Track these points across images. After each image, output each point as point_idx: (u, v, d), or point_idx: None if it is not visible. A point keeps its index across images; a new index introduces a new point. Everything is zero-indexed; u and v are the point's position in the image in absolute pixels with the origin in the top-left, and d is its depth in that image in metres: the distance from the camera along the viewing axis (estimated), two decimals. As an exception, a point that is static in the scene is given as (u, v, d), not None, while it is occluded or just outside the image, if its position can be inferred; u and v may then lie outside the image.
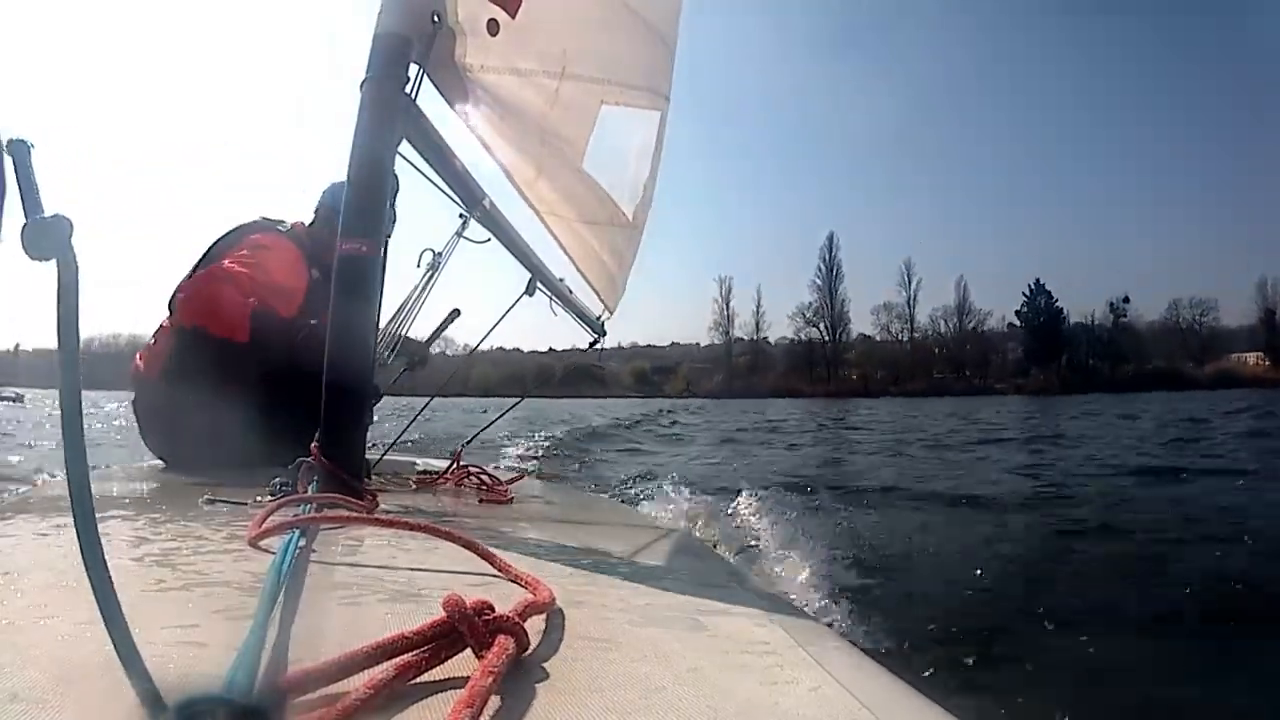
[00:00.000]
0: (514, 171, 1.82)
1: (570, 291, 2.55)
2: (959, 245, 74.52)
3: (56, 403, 0.36)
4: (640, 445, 10.84)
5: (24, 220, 0.37)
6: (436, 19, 1.53)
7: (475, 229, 2.00)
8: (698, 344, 54.08)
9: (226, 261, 1.97)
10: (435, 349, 2.58)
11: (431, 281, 2.11)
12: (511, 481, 1.89)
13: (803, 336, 52.32)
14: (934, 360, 50.60)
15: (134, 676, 0.34)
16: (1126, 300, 48.39)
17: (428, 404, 2.62)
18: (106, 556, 0.37)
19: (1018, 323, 49.29)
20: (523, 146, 1.80)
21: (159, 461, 2.02)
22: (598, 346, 2.92)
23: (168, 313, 2.00)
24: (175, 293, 1.97)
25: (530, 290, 2.38)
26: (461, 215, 1.97)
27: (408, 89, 1.48)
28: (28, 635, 0.51)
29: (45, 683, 0.42)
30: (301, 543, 0.76)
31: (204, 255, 2.06)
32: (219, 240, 2.09)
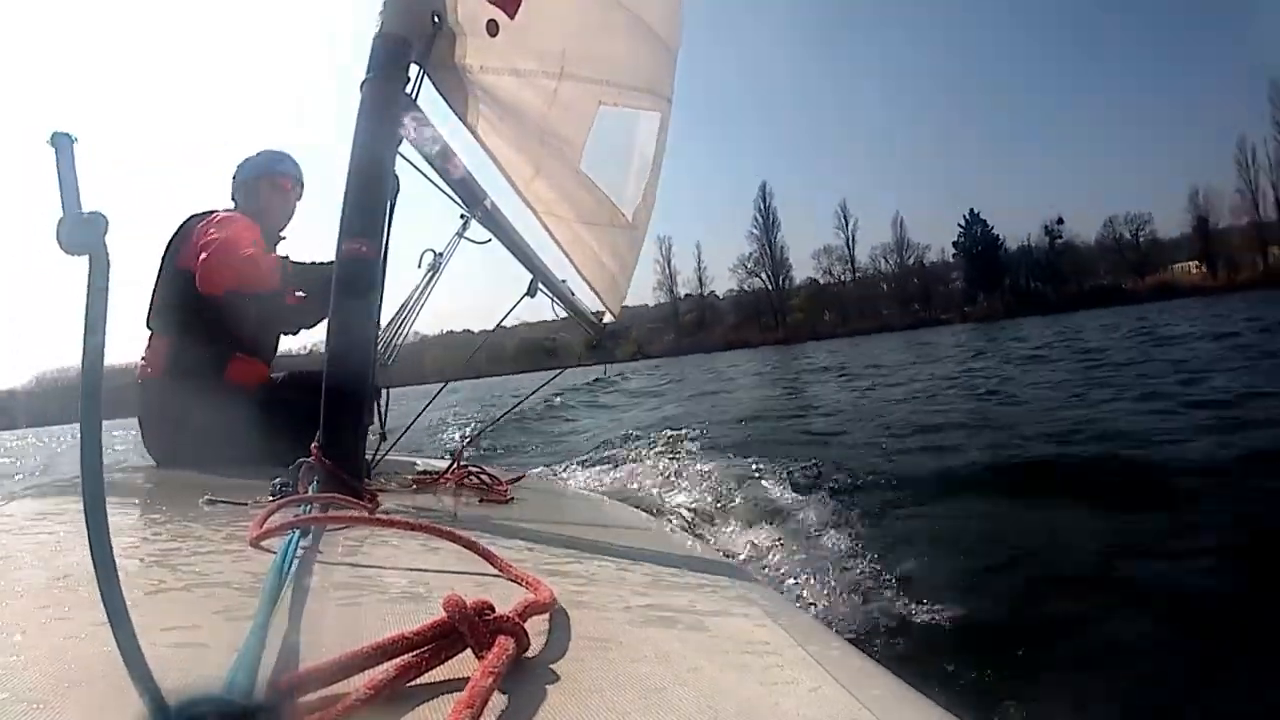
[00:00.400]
0: (511, 171, 1.82)
1: (573, 293, 2.55)
2: (893, 183, 74.52)
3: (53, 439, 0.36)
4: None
5: (61, 215, 0.37)
6: (436, 20, 1.53)
7: (476, 229, 2.00)
8: (647, 305, 53.55)
9: (204, 239, 2.00)
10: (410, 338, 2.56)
11: (432, 282, 2.10)
12: (512, 482, 1.90)
13: (746, 288, 52.71)
14: (880, 298, 51.17)
15: (136, 677, 0.34)
16: (1060, 222, 48.86)
17: (430, 403, 2.63)
18: (114, 559, 0.37)
19: (957, 254, 50.11)
20: (521, 147, 1.80)
21: (151, 462, 2.03)
22: (604, 348, 2.92)
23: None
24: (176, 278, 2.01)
25: (532, 291, 2.37)
26: (462, 216, 1.97)
27: (408, 89, 1.48)
28: (30, 636, 0.51)
29: (48, 684, 0.42)
30: (302, 543, 0.76)
31: (167, 250, 2.09)
32: (177, 232, 2.11)
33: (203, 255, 1.96)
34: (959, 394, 8.20)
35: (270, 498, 1.15)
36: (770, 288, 51.89)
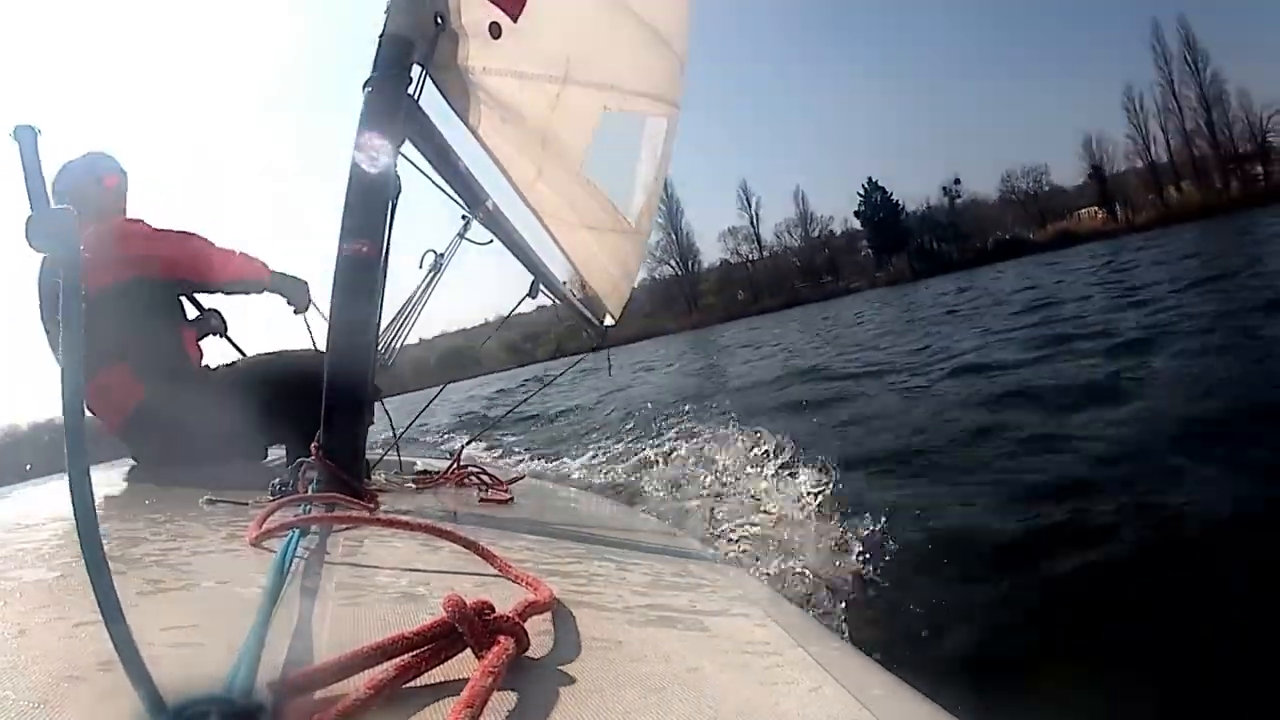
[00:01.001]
0: (514, 174, 1.82)
1: (573, 294, 2.55)
2: (790, 158, 73.02)
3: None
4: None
5: (30, 212, 0.37)
6: (439, 21, 1.54)
7: (478, 230, 2.01)
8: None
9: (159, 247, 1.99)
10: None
11: (433, 283, 2.11)
12: (511, 482, 1.90)
13: (656, 276, 52.69)
14: (790, 273, 51.58)
15: (135, 677, 0.34)
16: (958, 182, 49.53)
17: (431, 401, 2.65)
18: (106, 557, 0.37)
19: (859, 224, 50.75)
20: (523, 149, 1.80)
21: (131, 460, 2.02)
22: (603, 349, 2.92)
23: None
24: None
25: (533, 293, 2.38)
26: (464, 216, 1.97)
27: (410, 90, 1.49)
28: (29, 636, 0.51)
29: (46, 683, 0.42)
30: (302, 543, 0.76)
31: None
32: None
33: (195, 259, 1.98)
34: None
35: (270, 497, 1.15)
36: (680, 273, 52.42)
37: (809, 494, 2.88)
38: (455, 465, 1.84)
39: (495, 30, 1.61)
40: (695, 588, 0.86)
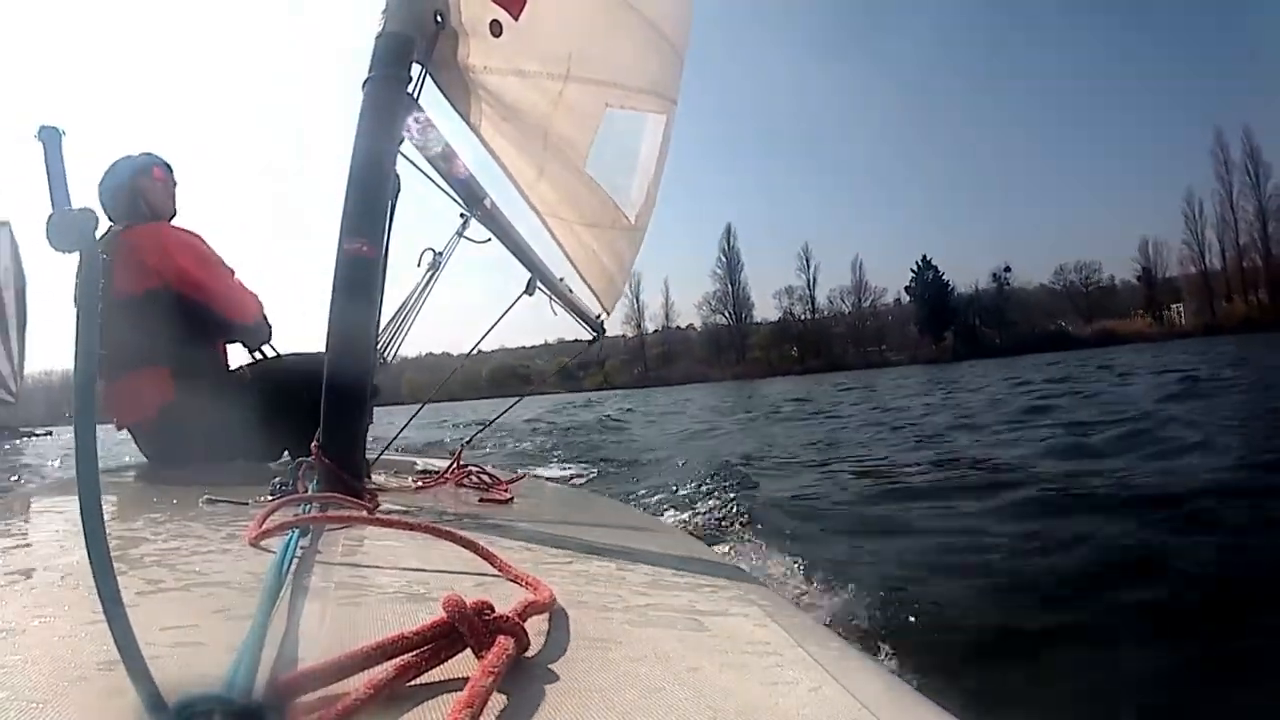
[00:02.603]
0: (516, 173, 1.82)
1: (570, 290, 2.55)
2: (853, 227, 76.96)
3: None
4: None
5: (51, 211, 0.37)
6: (439, 19, 1.53)
7: (476, 229, 2.00)
8: (624, 336, 55.96)
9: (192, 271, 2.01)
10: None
11: (432, 281, 2.11)
12: (511, 481, 1.89)
13: (710, 324, 55.09)
14: (834, 338, 53.40)
15: (135, 676, 0.34)
16: (1008, 270, 51.55)
17: (421, 408, 2.66)
18: (110, 555, 0.37)
19: (908, 298, 52.57)
20: (525, 148, 1.80)
21: (143, 459, 2.03)
22: (597, 345, 2.93)
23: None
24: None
25: (530, 290, 2.38)
26: (462, 215, 1.97)
27: (410, 89, 1.48)
28: (29, 635, 0.51)
29: (46, 682, 0.42)
30: (302, 543, 0.76)
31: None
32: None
33: (218, 293, 2.00)
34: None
35: (270, 497, 1.15)
36: (731, 324, 54.09)
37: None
38: (455, 465, 1.84)
39: (496, 28, 1.61)
40: (695, 588, 0.86)
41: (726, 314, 54.19)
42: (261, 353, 2.29)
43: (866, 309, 53.46)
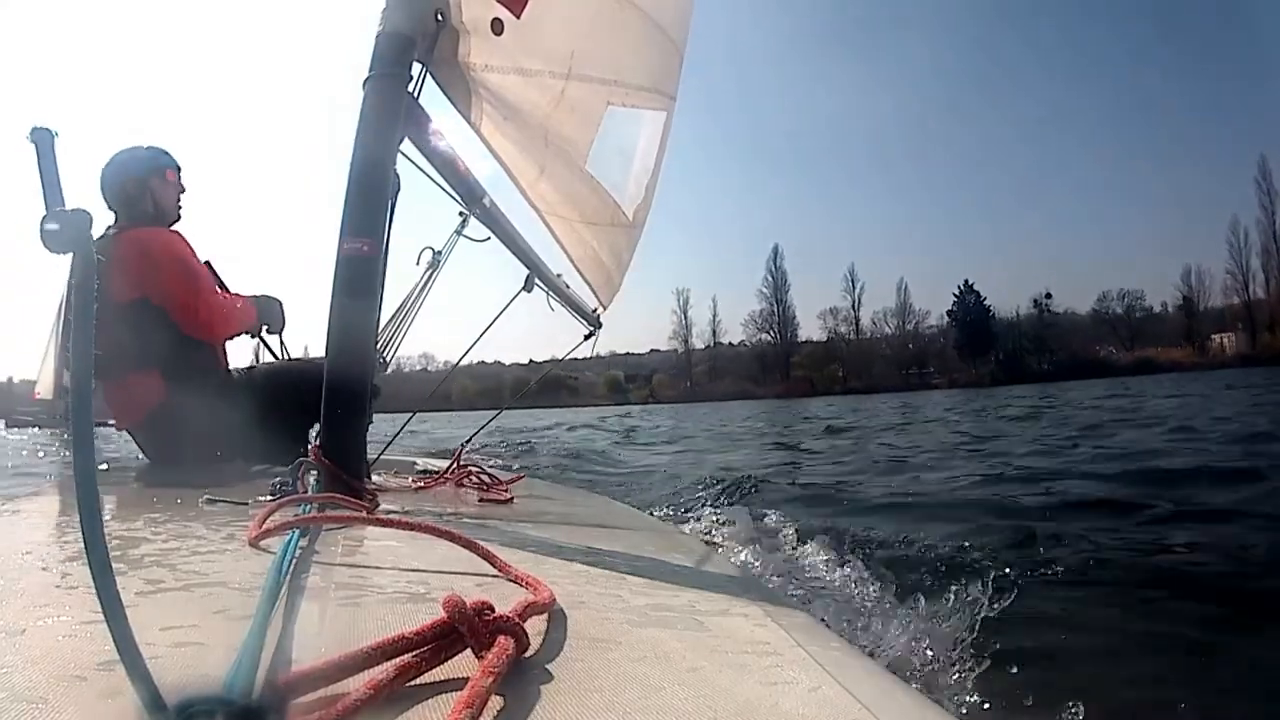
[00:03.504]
0: (517, 172, 1.82)
1: (568, 287, 2.56)
2: (899, 249, 76.76)
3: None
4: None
5: (44, 212, 0.37)
6: (440, 17, 1.53)
7: (475, 227, 2.01)
8: (676, 350, 57.14)
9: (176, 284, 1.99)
10: (418, 365, 2.59)
11: (431, 280, 2.11)
12: (511, 481, 1.89)
13: (755, 342, 56.02)
14: (876, 359, 53.94)
15: (135, 677, 0.34)
16: (1049, 296, 51.92)
17: (413, 415, 2.67)
18: (109, 555, 0.37)
19: (950, 321, 53.08)
20: (526, 147, 1.80)
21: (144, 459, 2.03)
22: (593, 339, 2.94)
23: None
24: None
25: (529, 286, 2.38)
26: (461, 213, 1.97)
27: (410, 87, 1.48)
28: (29, 635, 0.51)
29: (46, 682, 0.42)
30: (302, 543, 0.76)
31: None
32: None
33: (196, 311, 1.97)
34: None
35: (270, 497, 1.15)
36: (776, 342, 54.83)
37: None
38: (455, 465, 1.84)
39: (497, 26, 1.61)
40: (695, 588, 0.86)
41: (772, 332, 55.03)
42: (270, 350, 2.28)
43: (910, 331, 53.81)
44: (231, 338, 2.16)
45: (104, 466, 2.05)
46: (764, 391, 48.84)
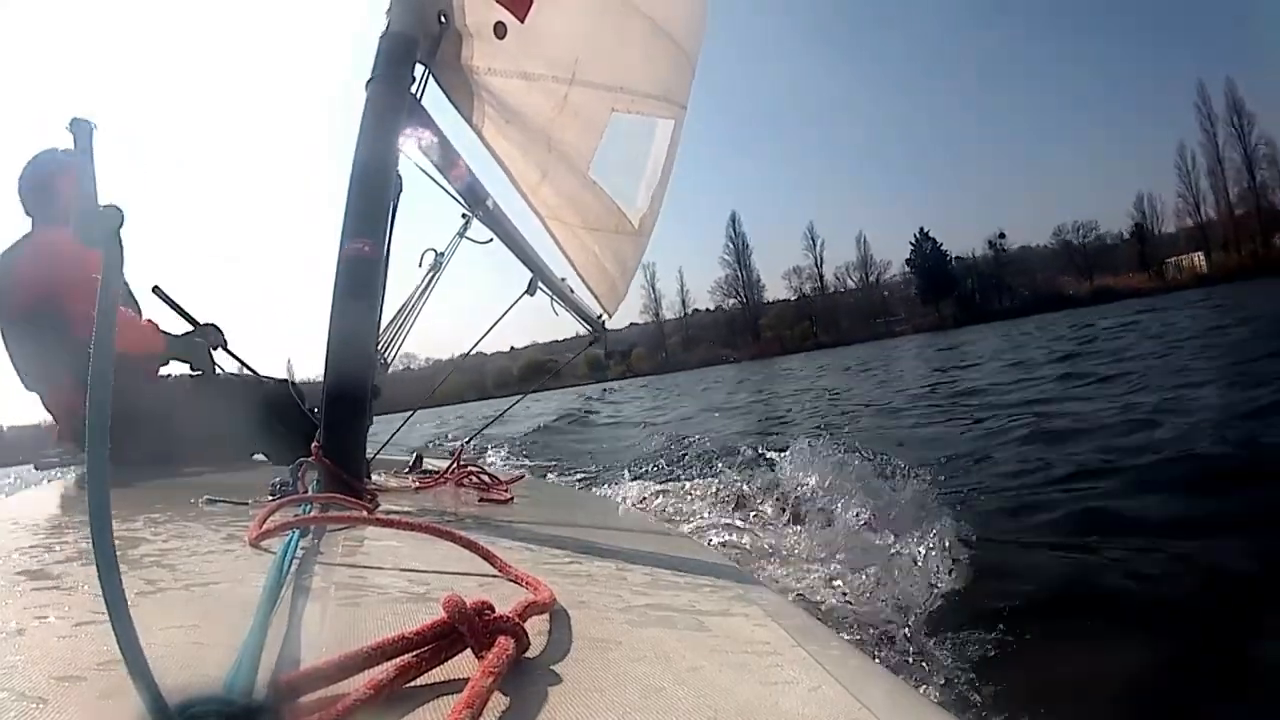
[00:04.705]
0: (518, 176, 1.82)
1: (571, 290, 2.56)
2: (855, 203, 76.85)
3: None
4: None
5: (79, 206, 0.37)
6: (443, 20, 1.54)
7: (478, 229, 2.01)
8: (646, 323, 58.01)
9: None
10: (401, 364, 2.61)
11: (433, 282, 2.11)
12: (511, 481, 1.89)
13: (724, 307, 56.79)
14: (842, 313, 54.98)
15: (136, 676, 0.34)
16: (1003, 236, 52.59)
17: (411, 415, 2.67)
18: (116, 554, 0.37)
19: (909, 269, 53.64)
20: (528, 151, 1.80)
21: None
22: (597, 345, 2.93)
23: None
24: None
25: (532, 290, 2.38)
26: (464, 215, 1.97)
27: (413, 89, 1.49)
28: (30, 635, 0.51)
29: (47, 683, 0.42)
30: (302, 543, 0.76)
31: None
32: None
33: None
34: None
35: (270, 497, 1.15)
36: (744, 305, 55.65)
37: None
38: (455, 465, 1.84)
39: (500, 30, 1.61)
40: (695, 588, 0.86)
41: (739, 297, 55.64)
42: (204, 366, 2.25)
43: (873, 283, 54.49)
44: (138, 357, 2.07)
45: None
46: (738, 355, 49.52)
